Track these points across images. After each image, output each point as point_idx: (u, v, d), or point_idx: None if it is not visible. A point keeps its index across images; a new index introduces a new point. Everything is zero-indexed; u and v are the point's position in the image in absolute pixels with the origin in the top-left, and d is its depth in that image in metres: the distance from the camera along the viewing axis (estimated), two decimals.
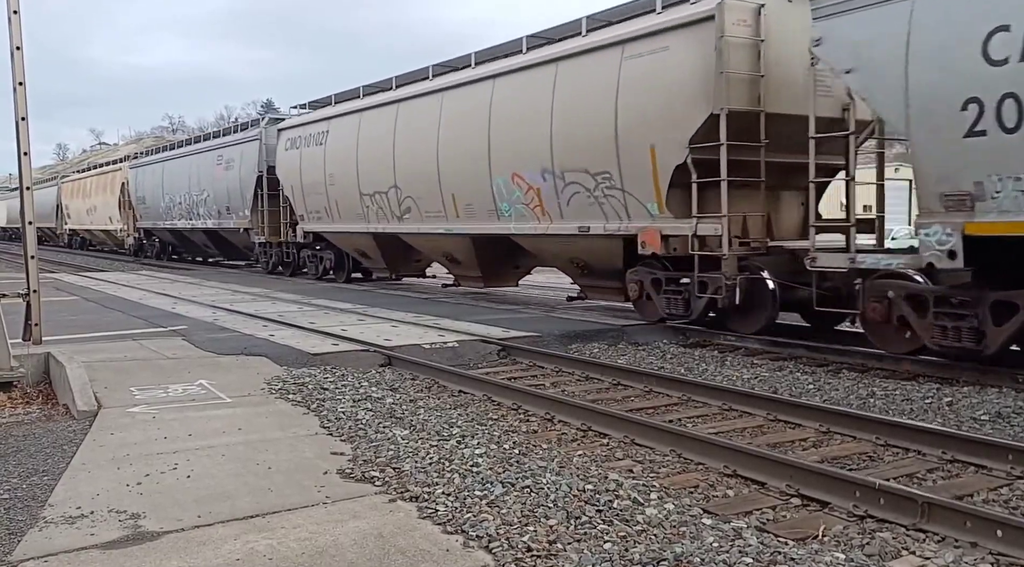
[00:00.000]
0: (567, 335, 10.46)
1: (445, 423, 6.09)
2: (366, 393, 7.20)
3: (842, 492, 4.51)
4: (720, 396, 7.15)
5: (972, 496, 4.72)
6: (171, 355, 8.88)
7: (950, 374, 7.92)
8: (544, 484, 4.54)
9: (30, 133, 8.16)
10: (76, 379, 7.07)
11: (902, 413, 6.70)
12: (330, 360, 8.71)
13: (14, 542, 3.85)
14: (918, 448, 5.59)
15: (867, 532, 4.13)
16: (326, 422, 6.11)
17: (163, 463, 5.06)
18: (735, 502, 4.64)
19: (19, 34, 7.85)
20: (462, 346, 9.69)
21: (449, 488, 4.51)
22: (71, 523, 4.08)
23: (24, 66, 7.97)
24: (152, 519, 4.11)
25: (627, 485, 4.58)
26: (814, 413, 6.42)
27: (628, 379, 8.08)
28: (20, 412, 6.83)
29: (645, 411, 6.90)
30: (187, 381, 7.53)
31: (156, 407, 6.55)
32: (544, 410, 6.77)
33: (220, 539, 3.86)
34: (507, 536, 3.84)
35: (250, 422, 6.11)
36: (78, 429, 5.99)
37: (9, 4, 7.81)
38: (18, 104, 8.00)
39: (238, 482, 4.70)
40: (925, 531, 4.10)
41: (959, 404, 6.89)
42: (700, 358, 9.39)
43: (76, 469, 4.99)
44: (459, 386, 7.86)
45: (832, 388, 7.67)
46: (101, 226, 36.98)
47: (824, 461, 5.32)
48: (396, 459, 5.08)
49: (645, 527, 3.99)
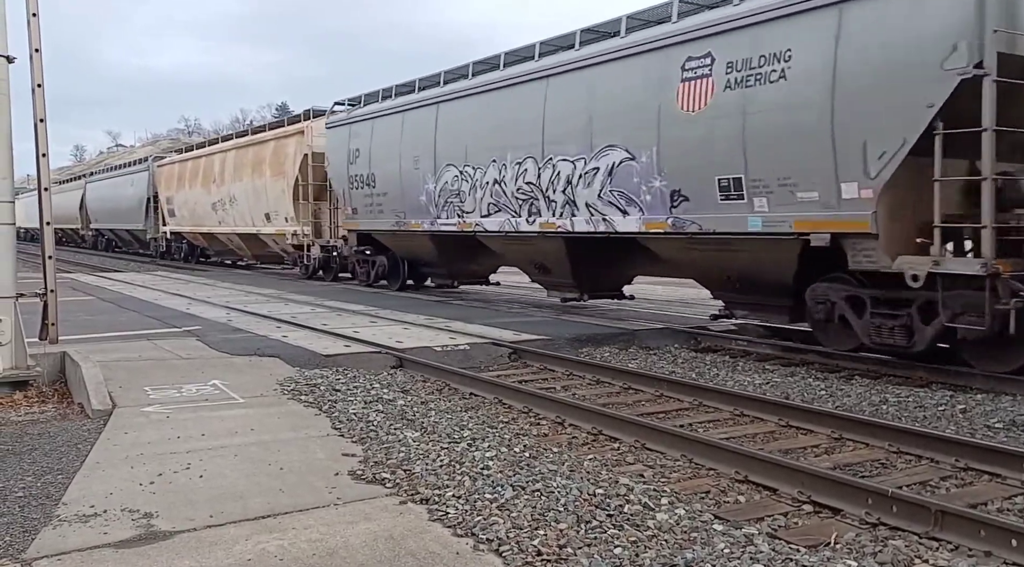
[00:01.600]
0: (578, 339, 10.45)
1: (456, 425, 6.10)
2: (377, 395, 7.22)
3: (854, 499, 4.48)
4: (731, 401, 7.13)
5: (986, 505, 4.68)
6: (185, 355, 8.94)
7: (963, 381, 7.86)
8: (554, 488, 4.53)
9: (48, 135, 8.23)
10: (91, 378, 7.13)
11: (915, 420, 6.66)
12: (342, 362, 8.74)
13: (28, 540, 3.89)
14: (931, 455, 5.55)
15: (879, 540, 4.10)
16: (338, 423, 6.13)
17: (176, 463, 5.10)
18: (746, 508, 4.63)
19: (37, 37, 7.91)
20: (473, 349, 9.70)
21: (459, 491, 4.52)
22: (84, 522, 4.11)
23: (43, 68, 8.04)
24: (165, 518, 4.14)
25: (638, 490, 4.57)
26: (826, 419, 6.38)
27: (639, 383, 8.07)
28: (36, 411, 6.89)
29: (656, 416, 6.89)
30: (201, 381, 7.57)
31: (170, 407, 6.60)
32: (555, 413, 6.77)
33: (232, 539, 3.88)
34: (517, 540, 3.84)
35: (262, 423, 6.14)
36: (92, 428, 6.04)
37: (28, 7, 7.88)
38: (36, 106, 8.07)
39: (250, 482, 4.73)
40: (938, 539, 4.07)
41: (973, 411, 6.84)
42: (711, 363, 9.36)
43: (90, 468, 5.03)
44: (470, 389, 7.87)
45: (844, 394, 7.63)
46: (257, 228, 23.23)
47: (836, 468, 5.30)
48: (407, 461, 5.10)
49: (656, 532, 3.98)
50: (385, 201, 16.56)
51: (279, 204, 21.68)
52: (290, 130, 21.62)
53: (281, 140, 22.00)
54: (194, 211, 27.91)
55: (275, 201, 21.95)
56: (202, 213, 27.09)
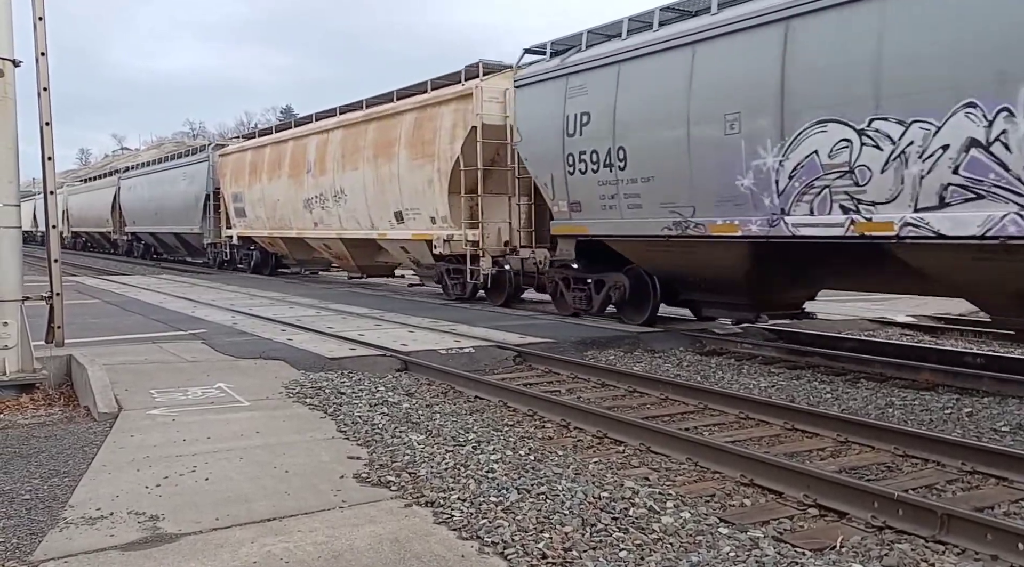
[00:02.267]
0: (583, 342, 10.45)
1: (461, 428, 6.10)
2: (383, 398, 7.23)
3: (860, 503, 4.47)
4: (737, 404, 7.12)
5: (993, 508, 4.67)
6: (190, 358, 8.96)
7: (970, 384, 7.84)
8: (559, 491, 4.54)
9: (54, 138, 8.27)
10: (97, 381, 7.15)
11: (921, 423, 6.65)
12: (347, 364, 8.75)
13: (35, 542, 3.90)
14: (937, 459, 5.53)
15: (886, 543, 4.09)
16: (343, 426, 6.14)
17: (182, 465, 5.11)
18: (752, 511, 4.62)
19: (43, 40, 7.94)
20: (478, 352, 9.71)
21: (465, 494, 4.52)
22: (91, 524, 4.12)
23: (48, 72, 8.07)
24: (171, 521, 4.15)
25: (643, 493, 4.57)
26: (832, 422, 6.37)
27: (644, 386, 8.06)
28: (42, 413, 6.91)
29: (661, 419, 6.88)
30: (206, 384, 7.59)
31: (175, 410, 6.61)
32: (560, 416, 6.77)
33: (237, 542, 3.89)
34: (522, 543, 3.85)
35: (268, 425, 6.15)
36: (99, 431, 6.05)
37: (34, 10, 7.91)
38: (42, 110, 8.11)
39: (255, 485, 4.74)
40: (945, 543, 4.06)
41: (979, 415, 6.82)
42: (717, 366, 9.36)
43: (96, 470, 5.04)
44: (475, 391, 7.87)
45: (850, 397, 7.62)
46: (380, 232, 17.44)
47: (842, 471, 5.28)
48: (412, 464, 5.10)
49: (661, 535, 3.98)
50: (647, 190, 10.53)
51: (422, 199, 15.76)
52: (445, 95, 15.35)
53: (428, 110, 15.78)
54: (275, 210, 21.98)
55: (415, 195, 15.97)
56: (288, 213, 21.35)
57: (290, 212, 21.23)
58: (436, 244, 15.27)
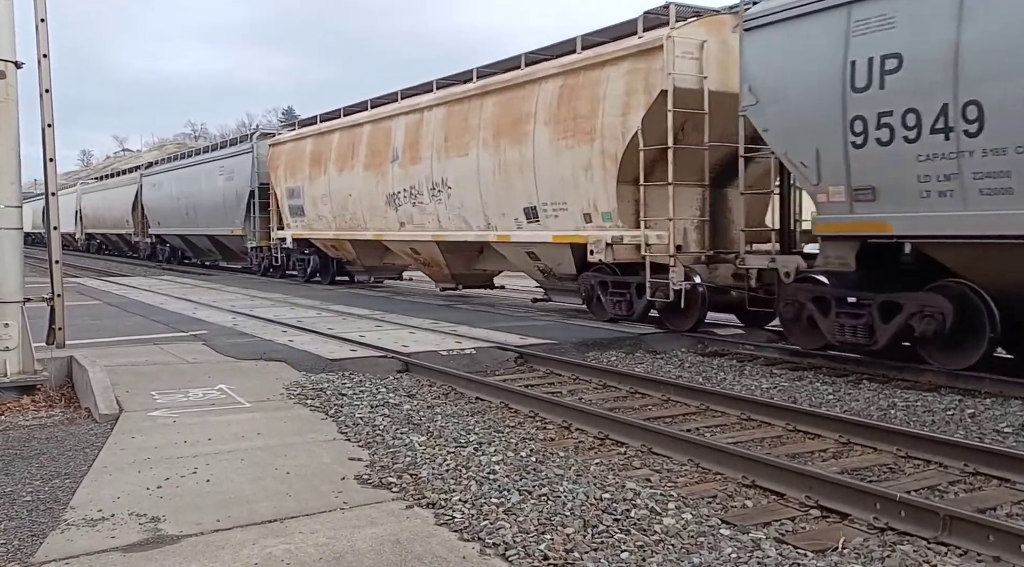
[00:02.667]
0: (584, 343, 10.44)
1: (462, 430, 6.10)
2: (384, 399, 7.22)
3: (862, 504, 4.46)
4: (739, 406, 7.11)
5: (995, 509, 4.66)
6: (191, 360, 8.96)
7: (972, 386, 7.83)
8: (561, 492, 4.53)
9: (56, 139, 8.28)
10: (98, 383, 7.15)
11: (923, 425, 6.63)
12: (348, 366, 8.75)
13: (36, 544, 3.90)
14: (940, 460, 5.52)
15: (888, 545, 4.09)
16: (344, 428, 6.14)
17: (183, 467, 5.10)
18: (754, 513, 4.61)
19: (46, 42, 7.96)
20: (479, 353, 9.70)
21: (466, 495, 4.52)
22: (92, 525, 4.12)
23: (50, 73, 8.09)
24: (172, 522, 4.15)
25: (645, 494, 4.56)
26: (834, 424, 6.36)
27: (646, 388, 8.05)
28: (43, 415, 6.91)
29: (663, 420, 6.87)
30: (207, 385, 7.59)
31: (177, 411, 6.61)
32: (561, 418, 6.76)
33: (239, 543, 3.88)
34: (524, 544, 3.84)
35: (269, 427, 6.15)
36: (100, 432, 6.06)
37: (36, 12, 7.92)
38: (44, 111, 8.12)
39: (257, 487, 4.73)
40: (947, 544, 4.05)
41: (981, 416, 6.81)
42: (718, 367, 9.35)
43: (97, 472, 5.04)
44: (476, 393, 7.86)
45: (852, 398, 7.61)
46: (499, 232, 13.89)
47: (844, 472, 5.27)
48: (413, 465, 5.10)
49: (663, 537, 3.97)
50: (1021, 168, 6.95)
51: (572, 190, 12.13)
52: (611, 52, 11.55)
53: (582, 74, 12.00)
54: (345, 208, 18.32)
55: (561, 185, 12.31)
56: (363, 210, 17.63)
57: (366, 210, 17.48)
58: (594, 249, 11.51)
